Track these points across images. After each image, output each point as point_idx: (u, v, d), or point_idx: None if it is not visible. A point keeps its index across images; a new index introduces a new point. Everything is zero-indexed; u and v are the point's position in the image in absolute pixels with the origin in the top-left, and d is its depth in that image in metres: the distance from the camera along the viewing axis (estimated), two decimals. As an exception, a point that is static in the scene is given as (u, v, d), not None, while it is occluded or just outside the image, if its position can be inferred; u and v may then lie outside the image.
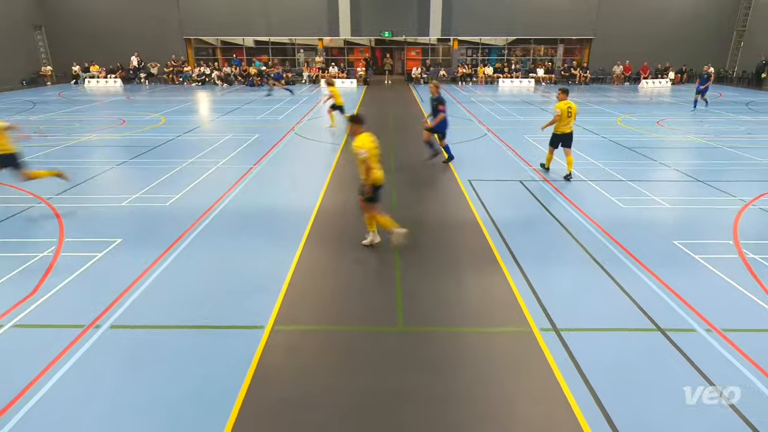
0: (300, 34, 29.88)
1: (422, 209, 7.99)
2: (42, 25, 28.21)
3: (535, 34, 30.26)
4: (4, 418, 3.49)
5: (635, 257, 6.08)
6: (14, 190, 8.57)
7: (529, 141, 13.01)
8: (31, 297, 5.08)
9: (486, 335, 4.58)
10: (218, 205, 7.94)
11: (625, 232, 6.87)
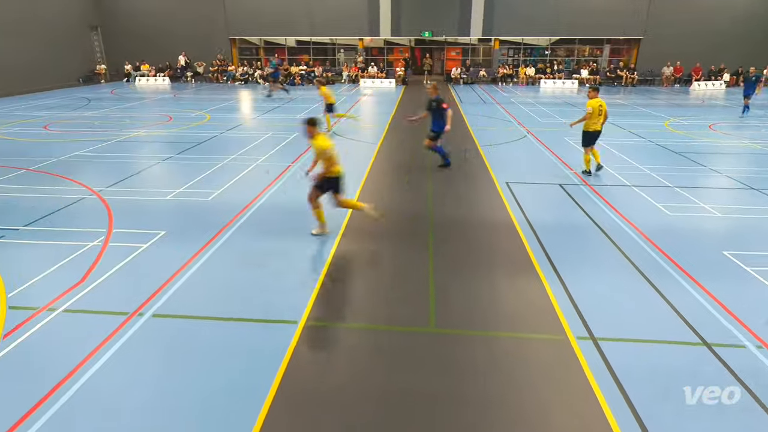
0: (341, 34, 30.18)
1: (458, 210, 7.92)
2: (98, 25, 29.67)
3: (580, 34, 29.40)
4: (52, 399, 3.69)
5: (681, 267, 5.81)
6: (69, 182, 9.04)
7: (570, 143, 12.67)
8: (80, 284, 5.35)
9: (520, 341, 4.49)
10: (257, 201, 8.12)
11: (671, 240, 6.58)
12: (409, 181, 9.95)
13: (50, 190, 8.60)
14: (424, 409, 3.66)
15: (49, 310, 4.86)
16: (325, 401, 3.73)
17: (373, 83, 28.68)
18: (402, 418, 3.57)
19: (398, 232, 7.08)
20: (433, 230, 7.04)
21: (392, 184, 9.57)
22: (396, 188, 9.34)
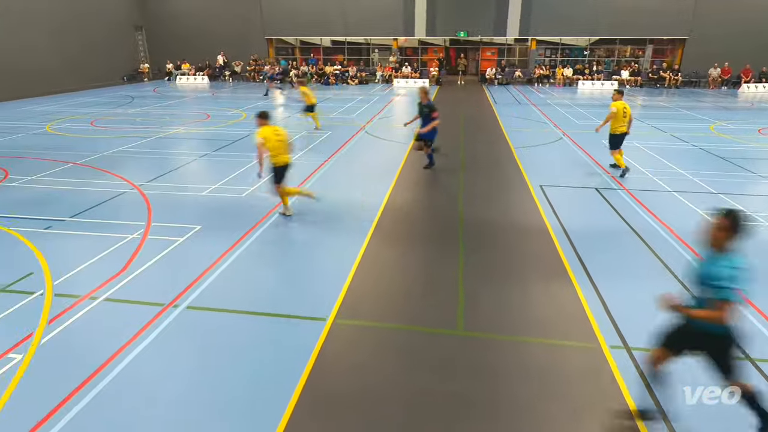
0: (376, 34, 30.27)
1: (489, 212, 7.82)
2: (142, 26, 30.78)
3: (622, 34, 28.47)
4: (92, 383, 3.86)
5: (724, 277, 5.56)
6: (112, 176, 9.41)
7: (607, 146, 12.29)
8: (120, 275, 5.56)
9: (550, 347, 4.40)
10: (290, 198, 8.23)
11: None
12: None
13: (95, 184, 8.98)
14: (450, 412, 3.63)
15: (91, 298, 5.08)
16: (351, 400, 3.75)
17: (406, 83, 28.65)
18: (428, 420, 3.56)
19: (428, 234, 7.05)
20: (464, 232, 6.97)
21: (423, 185, 9.53)
22: (426, 189, 9.30)
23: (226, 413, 3.60)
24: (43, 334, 4.47)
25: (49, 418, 3.49)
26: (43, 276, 5.52)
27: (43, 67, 22.79)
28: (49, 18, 23.47)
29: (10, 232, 6.75)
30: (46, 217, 7.31)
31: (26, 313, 4.80)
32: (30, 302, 5.00)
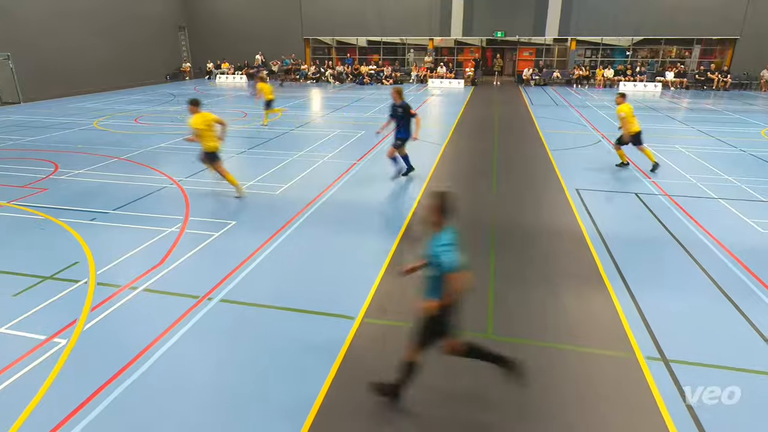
0: (412, 34, 30.21)
1: (522, 215, 7.69)
2: (185, 26, 31.78)
3: (667, 34, 27.40)
4: (130, 370, 4.01)
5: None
6: (153, 171, 9.76)
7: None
8: (159, 266, 5.77)
9: (582, 355, 4.28)
10: (322, 197, 8.34)
11: (762, 260, 6.00)
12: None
13: (137, 178, 9.33)
14: (476, 416, 3.59)
15: (131, 288, 5.28)
16: (377, 399, 3.76)
17: (441, 83, 28.49)
18: (453, 423, 3.53)
19: (461, 236, 6.98)
20: (495, 235, 6.88)
21: (455, 187, 9.45)
22: (459, 191, 9.22)
23: (254, 406, 3.68)
24: (86, 321, 4.68)
25: (91, 401, 3.65)
26: (87, 265, 5.78)
27: (92, 65, 23.87)
28: (99, 18, 24.56)
29: (59, 223, 7.10)
30: (91, 209, 7.65)
31: (71, 300, 5.04)
32: (75, 290, 5.24)
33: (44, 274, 5.58)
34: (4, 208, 7.74)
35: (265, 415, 3.60)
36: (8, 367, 4.02)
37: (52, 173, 9.72)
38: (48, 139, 13.00)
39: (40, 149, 11.84)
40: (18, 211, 7.58)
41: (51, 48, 21.73)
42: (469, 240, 6.78)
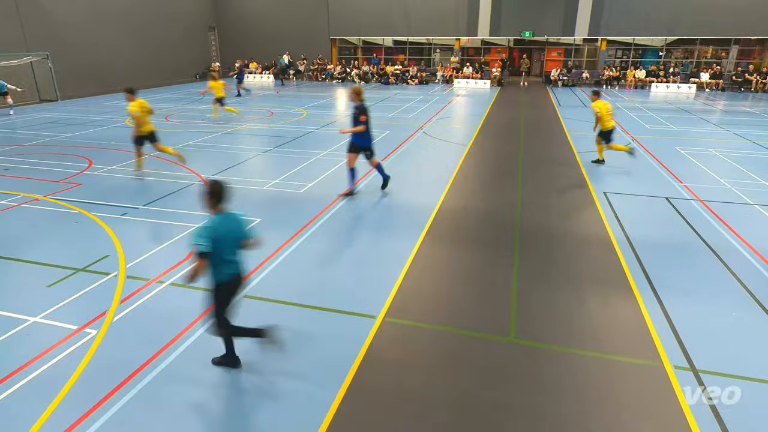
0: (438, 34, 30.07)
1: (548, 219, 7.57)
2: (215, 26, 32.41)
3: (703, 34, 26.51)
4: (155, 362, 4.12)
5: (810, 301, 5.06)
6: (182, 169, 9.99)
7: (681, 153, 11.55)
8: (185, 261, 5.90)
9: (606, 362, 4.19)
10: (346, 195, 8.38)
11: (800, 269, 5.75)
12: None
13: (167, 175, 9.57)
14: (495, 420, 3.56)
15: (159, 282, 5.42)
16: (396, 399, 3.76)
17: (467, 84, 28.29)
18: (471, 427, 3.50)
19: (483, 237, 6.94)
20: (520, 238, 6.79)
21: (479, 188, 9.38)
22: (483, 192, 9.15)
23: (274, 402, 3.72)
24: (116, 313, 4.83)
25: (119, 390, 3.76)
26: (117, 259, 5.96)
27: (126, 65, 24.57)
28: (133, 19, 25.29)
29: (92, 217, 7.34)
30: (122, 204, 7.87)
31: (102, 292, 5.20)
32: (105, 282, 5.41)
33: (77, 266, 5.77)
34: (41, 201, 8.04)
35: (285, 411, 3.64)
36: (42, 354, 4.18)
37: (86, 169, 10.04)
38: (83, 136, 13.45)
39: (76, 145, 12.26)
40: (54, 205, 7.87)
41: (87, 47, 22.48)
42: (493, 240, 6.71)
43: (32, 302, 5.01)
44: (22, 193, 8.42)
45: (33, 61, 20.40)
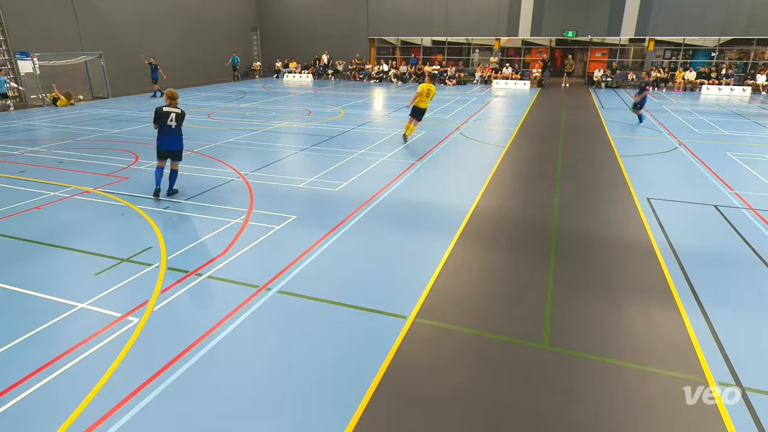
0: (478, 34, 29.73)
1: (587, 224, 7.36)
2: (257, 26, 33.18)
3: (760, 34, 25.10)
4: (192, 351, 4.25)
5: None
6: (222, 165, 10.28)
7: (733, 159, 10.99)
8: (223, 255, 6.06)
9: (644, 374, 4.04)
10: (380, 195, 8.41)
11: None
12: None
13: (207, 171, 9.86)
14: (529, 427, 3.48)
15: (197, 274, 5.59)
16: (425, 401, 3.75)
17: (506, 84, 27.84)
18: (499, 431, 3.45)
19: (519, 241, 6.81)
20: (557, 243, 6.63)
21: (516, 191, 9.22)
22: (519, 195, 8.98)
23: (302, 398, 3.78)
24: (156, 302, 5.02)
25: (157, 377, 3.91)
26: (159, 251, 6.19)
27: (172, 63, 25.47)
28: (179, 19, 26.24)
29: (137, 210, 7.65)
30: (165, 199, 8.17)
31: (144, 282, 5.42)
32: (148, 273, 5.63)
33: (122, 256, 6.03)
34: (90, 194, 8.45)
35: (314, 407, 3.68)
36: (88, 339, 4.39)
37: (133, 164, 10.48)
38: (131, 132, 14.04)
39: (123, 141, 12.81)
40: (103, 198, 8.25)
41: (136, 47, 23.44)
42: (529, 244, 6.58)
43: (80, 289, 5.27)
44: (74, 185, 8.87)
45: (87, 60, 21.46)
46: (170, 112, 7.93)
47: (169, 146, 8.04)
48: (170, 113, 7.93)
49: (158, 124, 7.93)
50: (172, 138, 8.03)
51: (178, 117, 8.00)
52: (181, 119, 8.04)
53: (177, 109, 8.00)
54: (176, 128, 8.03)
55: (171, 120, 7.93)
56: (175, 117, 7.97)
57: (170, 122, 7.92)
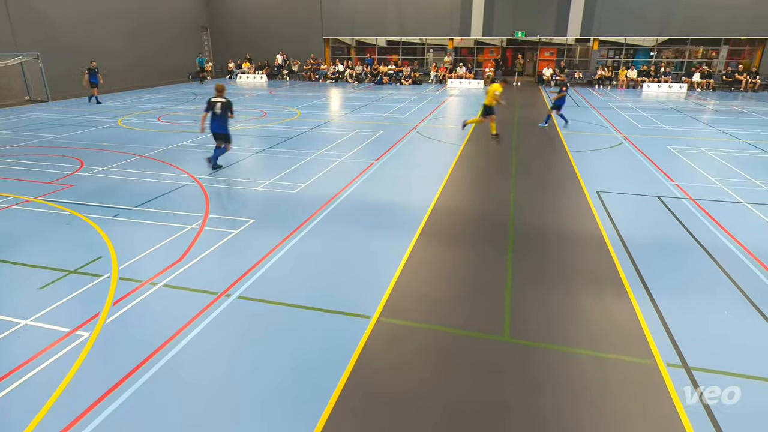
0: (431, 34, 30.13)
1: (541, 217, 7.60)
2: (207, 26, 32.27)
3: (694, 34, 26.75)
4: (149, 364, 4.09)
5: (801, 298, 5.12)
6: (175, 169, 9.93)
7: (673, 152, 11.64)
8: (179, 262, 5.86)
9: (600, 360, 4.21)
10: (339, 196, 8.38)
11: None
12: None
13: (159, 176, 9.51)
14: (489, 420, 3.56)
15: (152, 283, 5.38)
16: (391, 400, 3.76)
17: (460, 84, 28.35)
18: (464, 424, 3.51)
19: (477, 237, 6.95)
20: (514, 237, 6.82)
21: (473, 188, 9.40)
22: (476, 192, 9.17)
23: (268, 404, 3.71)
24: (108, 315, 4.79)
25: (112, 392, 3.73)
26: (110, 260, 5.91)
27: (118, 65, 24.41)
28: (125, 19, 25.16)
29: (84, 219, 7.28)
30: (114, 206, 7.82)
31: (94, 294, 5.16)
32: (98, 284, 5.36)
33: (69, 268, 5.72)
34: (32, 203, 7.96)
35: (278, 412, 3.62)
36: (33, 357, 4.14)
37: (78, 170, 9.96)
38: (74, 137, 13.33)
39: (67, 146, 12.15)
40: (46, 207, 7.79)
41: (79, 48, 22.29)
42: (487, 240, 6.73)
43: (24, 305, 4.96)
44: (13, 194, 8.33)
45: (23, 61, 20.20)
46: (217, 101, 9.40)
47: (217, 129, 9.59)
48: (217, 102, 9.41)
49: (208, 112, 9.47)
50: (219, 123, 9.52)
51: (224, 105, 9.44)
52: (226, 107, 9.45)
53: (223, 99, 9.43)
54: (221, 115, 9.46)
55: (217, 108, 9.42)
56: (221, 105, 9.42)
57: (217, 110, 9.42)
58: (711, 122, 16.28)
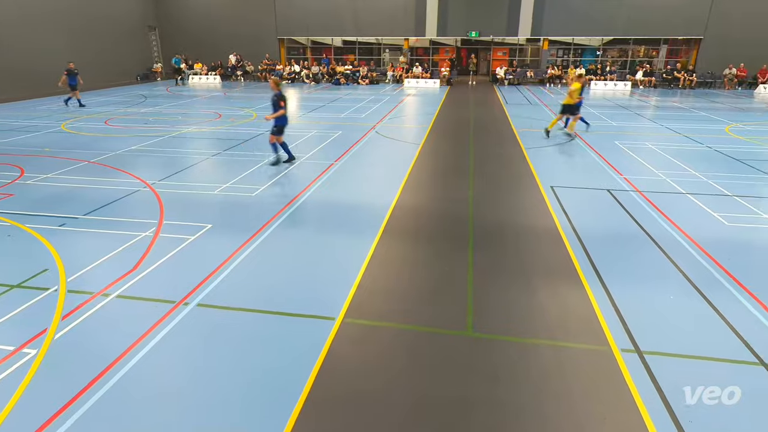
0: (387, 34, 30.29)
1: (499, 213, 7.79)
2: (156, 26, 31.14)
3: (636, 34, 28.19)
4: (103, 379, 3.90)
5: (739, 281, 5.48)
6: (125, 175, 9.53)
7: (620, 147, 12.20)
8: (133, 272, 5.63)
9: (559, 349, 4.37)
10: (300, 197, 8.28)
11: (728, 252, 6.22)
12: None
13: (108, 182, 9.09)
14: (456, 414, 3.62)
15: (104, 295, 5.14)
16: (359, 400, 3.75)
17: (417, 83, 28.63)
18: (432, 420, 3.55)
19: (437, 234, 7.04)
20: (473, 233, 6.95)
21: (432, 186, 9.52)
22: (436, 190, 9.29)
23: (234, 411, 3.63)
24: (57, 330, 4.54)
25: (63, 411, 3.54)
26: (57, 272, 5.61)
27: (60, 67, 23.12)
28: (67, 20, 23.88)
29: (26, 229, 6.86)
30: (60, 215, 7.41)
31: (41, 309, 4.88)
32: (44, 298, 5.07)
33: (11, 282, 5.38)
34: (-34, 214, 7.44)
35: (245, 419, 3.55)
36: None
37: (18, 178, 9.38)
38: (13, 143, 12.55)
39: (5, 153, 11.42)
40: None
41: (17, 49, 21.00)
42: (448, 237, 6.83)
43: (-39, 324, 4.63)
44: (-55, 206, 7.76)
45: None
46: (273, 94, 9.72)
47: (285, 122, 10.05)
48: (273, 96, 9.75)
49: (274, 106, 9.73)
50: (285, 115, 9.90)
51: (279, 98, 9.81)
52: (278, 99, 9.79)
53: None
54: (276, 107, 9.76)
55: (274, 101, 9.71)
56: (277, 98, 9.78)
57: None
58: (654, 118, 17.17)
